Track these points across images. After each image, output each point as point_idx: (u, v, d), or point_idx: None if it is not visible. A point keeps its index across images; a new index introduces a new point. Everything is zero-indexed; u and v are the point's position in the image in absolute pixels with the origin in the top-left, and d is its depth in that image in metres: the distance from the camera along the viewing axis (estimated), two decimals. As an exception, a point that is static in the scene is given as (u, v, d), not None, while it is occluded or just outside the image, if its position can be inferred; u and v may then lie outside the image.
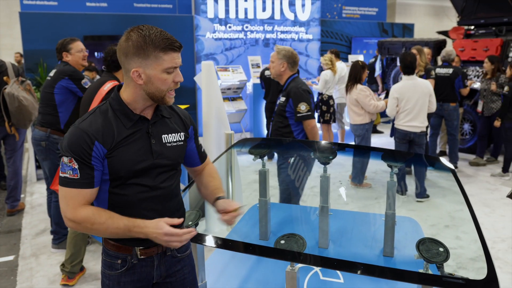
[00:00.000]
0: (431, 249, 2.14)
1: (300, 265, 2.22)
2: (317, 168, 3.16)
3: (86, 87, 4.07)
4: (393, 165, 2.93)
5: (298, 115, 3.84)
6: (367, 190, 6.03)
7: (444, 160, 3.29)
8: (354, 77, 5.99)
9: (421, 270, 2.08)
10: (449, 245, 4.24)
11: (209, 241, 2.25)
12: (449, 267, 3.99)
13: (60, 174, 1.70)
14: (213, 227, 4.10)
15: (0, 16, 12.89)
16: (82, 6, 9.51)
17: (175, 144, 1.88)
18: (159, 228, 1.68)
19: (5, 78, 5.05)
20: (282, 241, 2.27)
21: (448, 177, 2.89)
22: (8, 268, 4.19)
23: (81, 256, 3.83)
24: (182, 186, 2.84)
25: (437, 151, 7.85)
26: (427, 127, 5.61)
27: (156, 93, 1.73)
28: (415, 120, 5.37)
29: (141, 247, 1.85)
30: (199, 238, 2.23)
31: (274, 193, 5.93)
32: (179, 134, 1.91)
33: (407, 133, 5.43)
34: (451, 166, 3.16)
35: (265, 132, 7.91)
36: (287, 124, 3.99)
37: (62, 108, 4.17)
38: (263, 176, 3.23)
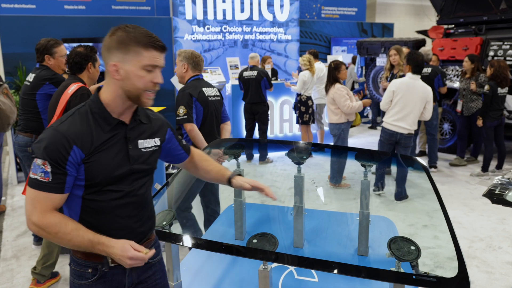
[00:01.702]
0: (403, 247, 2.14)
1: (274, 264, 2.21)
2: (293, 168, 3.15)
3: None
4: (367, 165, 2.93)
5: (177, 118, 3.83)
6: (346, 191, 6.04)
7: (419, 158, 3.30)
8: (329, 79, 6.04)
9: (392, 269, 2.08)
10: (427, 245, 4.31)
11: (183, 241, 2.23)
12: (427, 267, 4.00)
13: (31, 175, 1.63)
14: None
15: (-20, 20, 12.73)
16: (60, 9, 9.46)
17: (151, 149, 1.85)
18: (125, 251, 1.64)
19: None
20: (255, 240, 2.26)
21: (427, 177, 2.90)
22: (3, 269, 4.20)
23: (53, 259, 3.72)
24: (158, 186, 2.82)
25: (417, 151, 7.88)
26: (415, 131, 5.56)
27: (132, 91, 1.68)
28: (403, 121, 5.28)
29: None
30: (173, 238, 2.21)
31: (252, 194, 5.96)
32: (154, 139, 1.88)
33: (394, 133, 5.34)
34: (423, 163, 3.17)
35: (244, 133, 7.89)
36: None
37: (45, 114, 4.07)
38: (238, 177, 3.21)
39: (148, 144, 1.84)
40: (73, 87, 3.39)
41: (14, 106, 4.97)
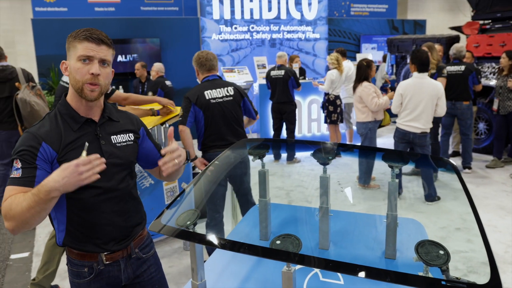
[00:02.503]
0: (431, 251, 2.05)
1: (298, 266, 2.16)
2: (321, 168, 3.09)
3: (108, 92, 4.04)
4: (394, 166, 2.83)
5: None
6: (375, 192, 5.92)
7: (451, 159, 3.19)
8: (359, 78, 5.95)
9: (420, 273, 1.99)
10: (460, 249, 4.17)
11: (206, 241, 2.20)
12: (459, 271, 3.88)
13: (10, 177, 1.71)
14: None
15: (16, 24, 13.12)
16: (91, 11, 9.64)
17: (125, 143, 1.93)
18: (66, 167, 1.55)
19: (16, 84, 5.22)
20: (278, 241, 2.20)
21: (457, 177, 2.79)
22: (23, 264, 4.38)
23: (54, 266, 3.58)
24: (184, 185, 2.81)
25: (450, 151, 7.65)
26: (431, 129, 5.42)
27: (74, 84, 1.77)
28: (416, 121, 5.18)
29: (106, 253, 1.88)
30: (197, 238, 2.17)
31: (279, 194, 5.92)
32: (128, 134, 1.96)
33: (406, 132, 5.27)
34: (453, 163, 3.05)
35: (271, 133, 7.85)
36: None
37: None
38: (262, 177, 3.16)
39: (122, 139, 1.92)
40: None
41: (47, 107, 5.12)
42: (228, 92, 3.97)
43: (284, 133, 7.80)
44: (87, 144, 1.66)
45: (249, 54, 10.21)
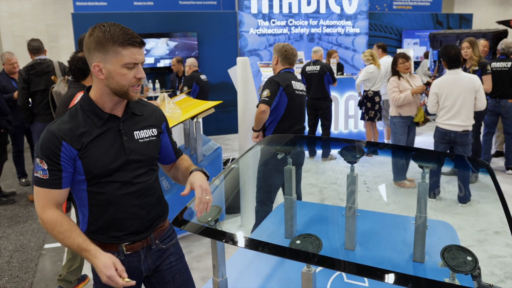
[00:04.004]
0: (458, 257, 1.94)
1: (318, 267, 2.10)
2: (356, 165, 3.01)
3: None
4: (425, 166, 2.72)
5: (259, 99, 4.09)
6: (410, 191, 5.75)
7: (493, 159, 3.04)
8: (392, 71, 5.90)
9: (446, 279, 1.90)
10: (497, 253, 4.00)
11: (226, 238, 2.16)
12: (495, 277, 3.72)
13: (34, 174, 1.76)
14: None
15: (59, 18, 13.48)
16: (130, 5, 9.77)
17: (148, 139, 1.92)
18: (106, 268, 1.68)
19: (52, 77, 5.29)
20: (298, 241, 2.15)
21: (501, 180, 2.67)
22: (56, 254, 4.49)
23: (78, 263, 3.58)
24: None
25: (493, 151, 7.34)
26: (473, 126, 5.19)
27: (118, 88, 1.75)
28: (455, 118, 4.97)
29: (126, 243, 1.90)
30: (217, 235, 2.15)
31: (312, 191, 5.83)
32: (151, 129, 1.95)
33: (447, 132, 5.05)
34: (488, 165, 2.91)
35: (306, 129, 7.75)
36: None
37: None
38: (288, 174, 3.12)
39: (145, 134, 1.91)
40: (79, 97, 3.22)
41: None
42: (303, 88, 4.31)
43: (319, 130, 7.69)
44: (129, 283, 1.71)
45: (287, 49, 10.10)
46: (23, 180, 6.71)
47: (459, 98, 4.93)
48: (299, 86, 4.18)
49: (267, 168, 4.06)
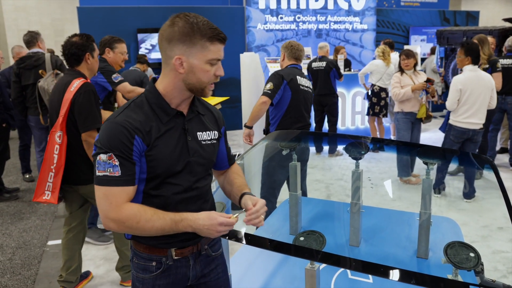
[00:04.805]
0: (460, 253, 1.97)
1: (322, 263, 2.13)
2: (363, 161, 3.02)
3: (116, 81, 4.02)
4: (429, 162, 2.75)
5: (264, 90, 4.06)
6: (416, 187, 5.76)
7: (498, 156, 3.05)
8: (399, 67, 5.92)
9: (449, 276, 1.93)
10: (501, 248, 4.02)
11: (229, 235, 2.19)
12: (498, 272, 3.74)
13: (98, 173, 1.58)
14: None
15: (65, 12, 13.48)
16: (137, -1, 9.73)
17: (209, 142, 1.80)
18: (212, 219, 1.61)
19: (40, 71, 5.10)
20: (302, 238, 2.17)
21: (506, 176, 2.69)
22: (60, 251, 4.22)
23: (76, 262, 3.51)
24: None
25: (498, 147, 7.35)
26: (483, 124, 5.19)
27: (197, 85, 1.65)
28: (475, 116, 4.97)
29: (176, 248, 1.78)
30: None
31: (318, 187, 5.86)
32: (213, 132, 1.83)
33: (466, 130, 5.02)
34: (492, 161, 2.93)
35: (313, 125, 7.76)
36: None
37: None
38: (293, 171, 3.15)
39: (207, 136, 1.79)
40: (75, 84, 3.16)
41: None
42: (309, 85, 4.29)
43: (326, 126, 7.70)
44: (242, 211, 1.69)
45: (294, 44, 10.09)
46: (27, 176, 6.61)
47: (480, 96, 4.93)
48: (304, 82, 4.17)
49: (271, 164, 4.05)
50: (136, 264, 1.80)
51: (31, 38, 5.47)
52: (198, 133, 1.76)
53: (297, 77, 4.09)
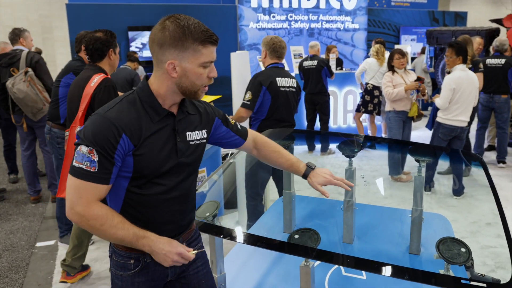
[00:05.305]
0: (452, 249, 2.02)
1: (317, 261, 2.16)
2: (354, 159, 3.06)
3: None
4: (421, 160, 2.80)
5: (243, 101, 3.93)
6: (407, 185, 5.83)
7: (485, 153, 3.12)
8: (388, 66, 5.99)
9: (441, 271, 1.97)
10: (489, 244, 4.10)
11: (225, 234, 2.21)
12: (487, 267, 3.81)
13: (74, 164, 1.55)
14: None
15: (53, 9, 13.29)
16: (127, -4, 9.66)
17: (198, 142, 1.80)
18: (173, 246, 1.65)
19: (12, 69, 5.05)
20: (296, 236, 2.20)
21: (493, 173, 2.76)
22: (49, 252, 4.29)
23: (83, 250, 3.58)
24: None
25: (485, 145, 7.49)
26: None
27: (190, 88, 1.64)
28: (464, 114, 5.09)
29: None
30: (215, 231, 2.20)
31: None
32: (202, 131, 1.83)
33: (455, 128, 5.13)
34: (481, 158, 2.99)
35: (305, 123, 7.81)
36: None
37: (63, 102, 3.98)
38: (288, 169, 3.17)
39: (196, 136, 1.79)
40: (96, 79, 3.17)
41: (36, 95, 4.92)
42: (292, 83, 4.06)
43: (318, 124, 7.75)
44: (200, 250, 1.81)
45: (287, 43, 10.12)
46: (12, 177, 6.48)
47: (470, 95, 5.06)
48: (285, 82, 3.99)
49: (252, 163, 4.00)
50: (115, 262, 1.79)
51: (14, 36, 5.34)
52: (187, 133, 1.76)
53: (277, 79, 3.93)
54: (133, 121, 1.59)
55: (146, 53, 9.26)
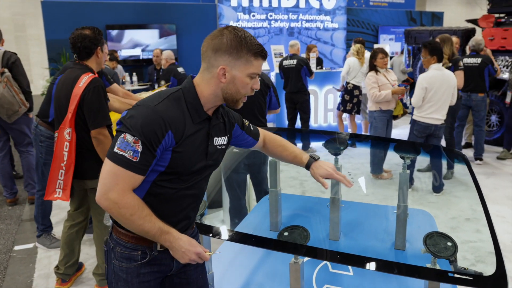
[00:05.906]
0: (439, 243, 2.06)
1: (306, 257, 2.17)
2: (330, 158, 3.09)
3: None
4: (405, 157, 2.84)
5: None
6: (388, 182, 5.91)
7: (464, 150, 3.18)
8: (369, 66, 5.98)
9: (428, 265, 2.01)
10: (469, 239, 4.18)
11: (213, 232, 2.22)
12: (467, 261, 3.89)
13: (116, 150, 1.58)
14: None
15: (26, 6, 13.01)
16: (104, -6, 9.55)
17: (221, 147, 1.87)
18: (193, 245, 1.71)
19: None
20: (286, 233, 2.22)
21: (467, 169, 2.81)
22: (28, 256, 4.20)
23: (75, 257, 3.56)
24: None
25: (463, 142, 7.64)
26: (448, 123, 5.41)
27: (234, 95, 1.72)
28: (438, 112, 5.16)
29: None
30: (204, 229, 2.21)
31: (293, 184, 5.93)
32: (225, 137, 1.90)
33: (428, 125, 5.21)
34: (464, 155, 3.05)
35: (286, 122, 7.84)
36: None
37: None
38: (273, 167, 3.19)
39: (222, 141, 1.86)
40: (84, 79, 3.09)
41: (13, 97, 4.79)
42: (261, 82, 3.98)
43: (299, 123, 7.79)
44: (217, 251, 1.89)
45: (266, 42, 10.18)
46: None
47: (444, 94, 5.12)
48: None
49: (226, 166, 4.00)
50: (120, 254, 1.79)
51: None
52: (215, 138, 1.82)
53: None
54: (179, 118, 1.65)
55: (126, 52, 9.17)
